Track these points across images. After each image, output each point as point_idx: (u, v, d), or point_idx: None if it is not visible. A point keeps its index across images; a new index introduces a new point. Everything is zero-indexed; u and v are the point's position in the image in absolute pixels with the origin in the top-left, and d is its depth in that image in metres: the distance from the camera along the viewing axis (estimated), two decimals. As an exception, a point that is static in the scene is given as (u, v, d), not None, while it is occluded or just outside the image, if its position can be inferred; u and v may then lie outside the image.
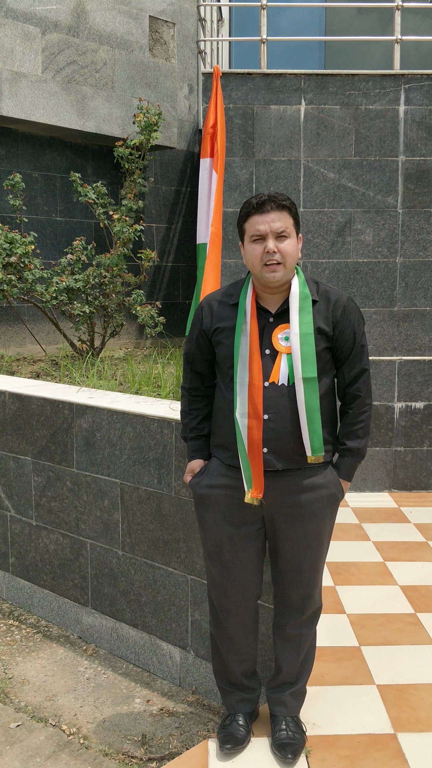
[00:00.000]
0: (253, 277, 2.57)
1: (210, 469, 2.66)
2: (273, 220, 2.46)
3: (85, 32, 6.02)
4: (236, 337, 2.52)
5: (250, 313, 2.53)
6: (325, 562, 2.73)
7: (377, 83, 5.76)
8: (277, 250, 2.46)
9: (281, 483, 2.54)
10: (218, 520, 2.63)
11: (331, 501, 2.61)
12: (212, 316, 2.62)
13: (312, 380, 2.47)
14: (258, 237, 2.48)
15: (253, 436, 2.48)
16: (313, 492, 2.56)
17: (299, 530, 2.58)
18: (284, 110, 5.78)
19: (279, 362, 2.51)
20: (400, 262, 5.85)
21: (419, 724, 2.89)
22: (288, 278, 2.53)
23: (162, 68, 6.60)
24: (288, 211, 2.51)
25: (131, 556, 3.49)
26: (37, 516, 3.96)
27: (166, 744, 2.95)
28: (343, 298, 2.59)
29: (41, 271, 5.36)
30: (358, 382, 2.61)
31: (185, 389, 2.75)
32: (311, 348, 2.48)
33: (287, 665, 2.74)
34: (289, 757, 2.63)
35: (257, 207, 2.48)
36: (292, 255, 2.50)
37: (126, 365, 5.27)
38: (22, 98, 5.69)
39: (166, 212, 7.14)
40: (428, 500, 5.75)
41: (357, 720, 2.92)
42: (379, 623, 3.73)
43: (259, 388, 2.48)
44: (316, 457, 2.51)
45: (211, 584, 2.73)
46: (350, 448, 2.64)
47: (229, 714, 2.81)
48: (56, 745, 2.95)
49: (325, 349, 2.54)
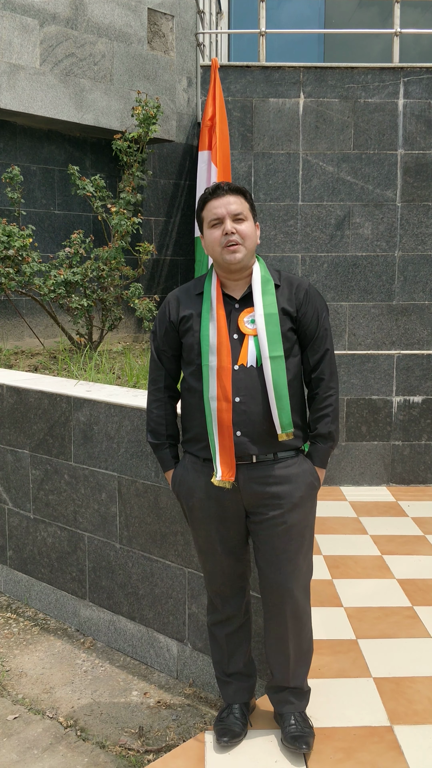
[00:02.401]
0: (215, 264, 2.63)
1: (187, 469, 2.67)
2: (229, 203, 2.53)
3: (83, 24, 6.00)
4: (203, 324, 2.56)
5: (216, 300, 2.57)
6: (309, 561, 2.69)
7: (376, 76, 5.75)
8: (235, 231, 2.52)
9: (256, 474, 2.55)
10: (205, 519, 2.64)
11: (309, 490, 2.62)
12: (178, 307, 2.64)
13: (279, 358, 2.51)
14: (216, 221, 2.54)
15: (223, 417, 2.50)
16: (290, 482, 2.57)
17: (279, 521, 2.57)
18: (283, 103, 5.77)
19: (246, 344, 2.54)
20: (398, 256, 5.84)
21: (415, 716, 2.90)
22: (248, 261, 2.58)
23: (161, 61, 6.57)
24: (243, 196, 2.57)
25: (129, 549, 3.50)
26: (35, 509, 3.96)
27: (163, 736, 2.96)
28: (304, 282, 2.66)
29: (39, 264, 5.35)
30: (322, 365, 2.64)
31: (160, 389, 2.71)
32: (276, 327, 2.53)
33: (278, 670, 2.73)
34: (303, 747, 2.64)
35: (212, 192, 2.56)
36: (250, 236, 2.55)
37: (124, 359, 5.27)
38: (20, 91, 5.67)
39: (165, 205, 7.12)
40: (426, 494, 5.75)
41: (353, 712, 2.92)
42: (376, 616, 3.74)
43: (228, 370, 2.50)
44: (286, 434, 2.53)
45: (205, 574, 2.76)
46: (321, 434, 2.65)
47: (227, 706, 2.82)
48: (53, 737, 2.96)
49: (290, 329, 2.58)
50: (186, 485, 2.66)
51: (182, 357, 2.67)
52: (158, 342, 2.69)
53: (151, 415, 2.74)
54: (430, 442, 5.93)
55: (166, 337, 2.67)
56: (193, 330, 2.59)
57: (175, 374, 2.73)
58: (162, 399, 2.72)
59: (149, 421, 2.75)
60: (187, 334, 2.60)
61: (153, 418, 2.73)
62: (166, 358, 2.69)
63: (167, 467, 2.74)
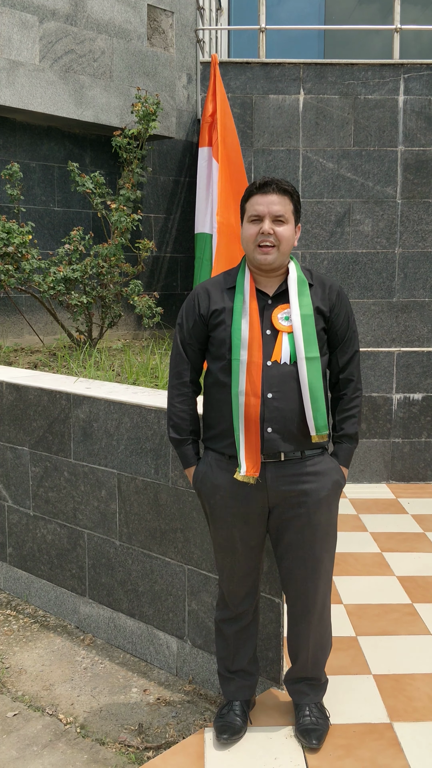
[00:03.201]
0: (247, 259, 2.59)
1: (211, 466, 2.63)
2: (273, 202, 2.47)
3: (83, 21, 5.99)
4: (235, 318, 2.51)
5: (250, 294, 2.53)
6: (332, 557, 2.71)
7: (376, 73, 5.73)
8: (272, 232, 2.47)
9: (284, 472, 2.54)
10: (227, 517, 2.62)
11: (335, 488, 2.61)
12: (209, 300, 2.59)
13: (315, 359, 2.49)
14: (256, 217, 2.50)
15: (251, 413, 2.47)
16: (318, 480, 2.56)
17: (304, 519, 2.57)
18: (283, 100, 5.76)
19: (280, 341, 2.51)
20: (398, 253, 5.84)
21: (415, 713, 2.90)
22: (280, 263, 2.54)
23: (160, 57, 6.56)
24: (290, 197, 2.51)
25: (128, 546, 3.49)
26: (35, 506, 3.96)
27: (163, 733, 2.96)
28: (336, 284, 2.65)
29: (39, 261, 5.34)
30: (351, 366, 2.65)
31: (185, 383, 2.66)
32: (312, 328, 2.50)
33: (299, 661, 2.76)
34: (314, 742, 2.66)
35: (260, 188, 2.49)
36: (287, 240, 2.51)
37: (123, 356, 5.26)
38: (20, 87, 5.66)
39: (165, 202, 7.11)
40: (426, 491, 5.75)
41: (353, 709, 2.92)
42: (376, 613, 3.74)
43: (258, 366, 2.48)
44: (320, 436, 2.51)
45: (222, 572, 2.74)
46: (348, 434, 2.66)
47: (227, 703, 2.82)
48: (53, 734, 2.96)
49: (323, 329, 2.57)
50: (209, 482, 2.62)
51: (209, 351, 2.61)
52: (185, 334, 2.64)
53: (173, 409, 2.67)
54: (430, 440, 5.93)
55: (194, 330, 2.61)
56: (225, 324, 2.54)
57: (199, 368, 2.69)
58: (186, 393, 2.66)
59: (171, 416, 2.67)
60: (218, 328, 2.56)
61: (176, 412, 2.67)
62: (192, 351, 2.64)
63: (189, 464, 2.69)
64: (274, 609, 2.97)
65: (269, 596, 2.97)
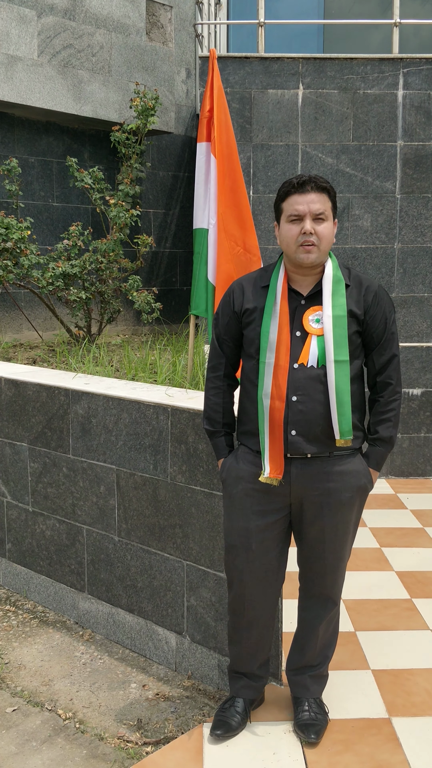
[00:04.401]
0: (285, 258, 2.56)
1: (238, 458, 2.64)
2: (312, 201, 2.45)
3: (81, 15, 5.97)
4: (264, 320, 2.51)
5: (281, 295, 2.51)
6: (350, 553, 2.72)
7: (376, 67, 5.72)
8: (313, 232, 2.45)
9: (310, 470, 2.53)
10: (246, 509, 2.61)
11: (360, 491, 2.60)
12: (243, 297, 2.59)
13: (344, 363, 2.46)
14: (296, 217, 2.47)
15: (275, 417, 2.46)
16: (342, 480, 2.55)
17: (326, 518, 2.56)
18: (282, 94, 5.75)
19: (309, 344, 2.49)
20: (398, 248, 5.83)
21: (413, 708, 2.90)
22: (321, 261, 2.52)
23: (159, 52, 6.54)
24: (327, 194, 2.49)
25: (127, 542, 3.50)
26: (34, 502, 3.96)
27: (162, 728, 2.96)
28: (374, 284, 2.59)
29: (37, 257, 5.33)
30: (389, 369, 2.59)
31: (219, 376, 2.68)
32: (344, 330, 2.47)
33: (307, 649, 2.77)
34: (312, 737, 2.66)
35: (298, 186, 2.46)
36: (327, 238, 2.49)
37: (122, 351, 5.26)
38: (18, 82, 5.64)
39: (164, 197, 7.10)
40: (425, 486, 5.75)
41: (352, 704, 2.93)
42: (375, 609, 3.74)
43: (285, 369, 2.46)
44: (345, 440, 2.49)
45: (234, 575, 2.70)
46: (382, 437, 2.61)
47: (230, 698, 2.83)
48: (52, 730, 2.96)
49: (356, 332, 2.53)
50: (234, 473, 2.63)
51: (243, 349, 2.63)
52: (220, 330, 2.66)
53: (208, 402, 2.70)
54: (429, 435, 5.93)
55: (228, 326, 2.63)
56: (255, 324, 2.54)
57: (235, 362, 2.70)
58: (220, 387, 2.68)
59: (206, 408, 2.71)
60: (249, 326, 2.56)
61: (210, 405, 2.70)
62: (227, 346, 2.66)
63: (220, 455, 2.71)
64: (273, 604, 2.97)
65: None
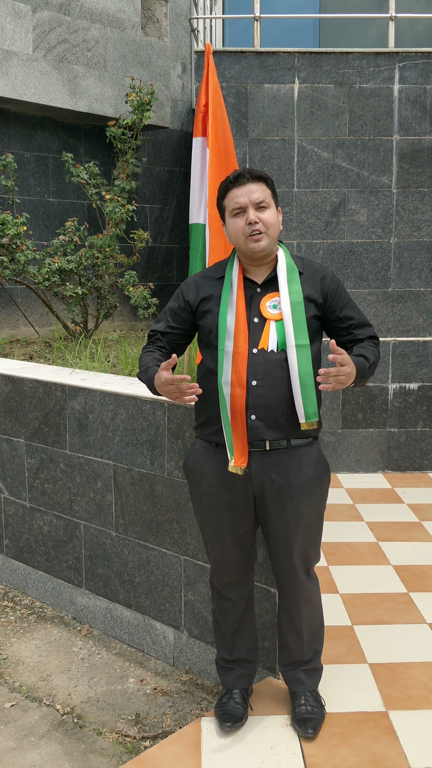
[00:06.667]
0: (238, 251, 2.60)
1: (198, 455, 2.67)
2: (251, 191, 2.50)
3: (76, 10, 5.95)
4: (221, 308, 2.54)
5: (237, 284, 2.55)
6: (318, 545, 2.73)
7: (371, 61, 5.71)
8: (258, 220, 2.49)
9: (269, 462, 2.55)
10: (214, 505, 2.63)
11: (319, 482, 2.62)
12: (198, 289, 2.63)
13: (305, 347, 2.49)
14: (238, 210, 2.51)
15: (236, 403, 2.48)
16: (302, 472, 2.57)
17: (288, 510, 2.58)
18: (278, 89, 5.73)
19: (268, 329, 2.52)
20: (394, 243, 5.83)
21: (410, 701, 2.92)
22: (272, 248, 2.56)
23: (155, 47, 6.53)
24: (265, 183, 2.54)
25: (125, 537, 3.50)
26: (31, 498, 3.96)
27: (160, 723, 2.97)
28: (329, 272, 2.66)
29: (33, 253, 5.33)
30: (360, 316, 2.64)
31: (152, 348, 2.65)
32: (302, 316, 2.51)
33: (293, 646, 2.78)
34: (310, 732, 2.68)
35: (234, 181, 2.52)
36: (273, 224, 2.53)
37: (119, 347, 5.26)
38: (13, 77, 5.62)
39: (160, 193, 7.09)
40: (422, 481, 5.77)
41: (349, 698, 2.94)
42: (371, 603, 3.75)
43: (243, 356, 2.49)
44: (309, 423, 2.51)
45: (212, 563, 2.76)
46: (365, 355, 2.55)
47: (227, 692, 2.83)
48: (50, 725, 2.97)
49: (314, 317, 2.57)
50: (198, 470, 2.65)
51: (200, 339, 2.65)
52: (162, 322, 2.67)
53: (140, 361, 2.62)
54: (425, 429, 5.94)
55: (176, 314, 2.64)
56: (212, 313, 2.57)
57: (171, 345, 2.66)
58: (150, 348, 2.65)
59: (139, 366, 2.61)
60: (206, 316, 2.58)
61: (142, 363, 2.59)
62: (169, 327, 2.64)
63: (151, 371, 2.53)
64: (270, 599, 2.98)
65: (264, 586, 2.98)
